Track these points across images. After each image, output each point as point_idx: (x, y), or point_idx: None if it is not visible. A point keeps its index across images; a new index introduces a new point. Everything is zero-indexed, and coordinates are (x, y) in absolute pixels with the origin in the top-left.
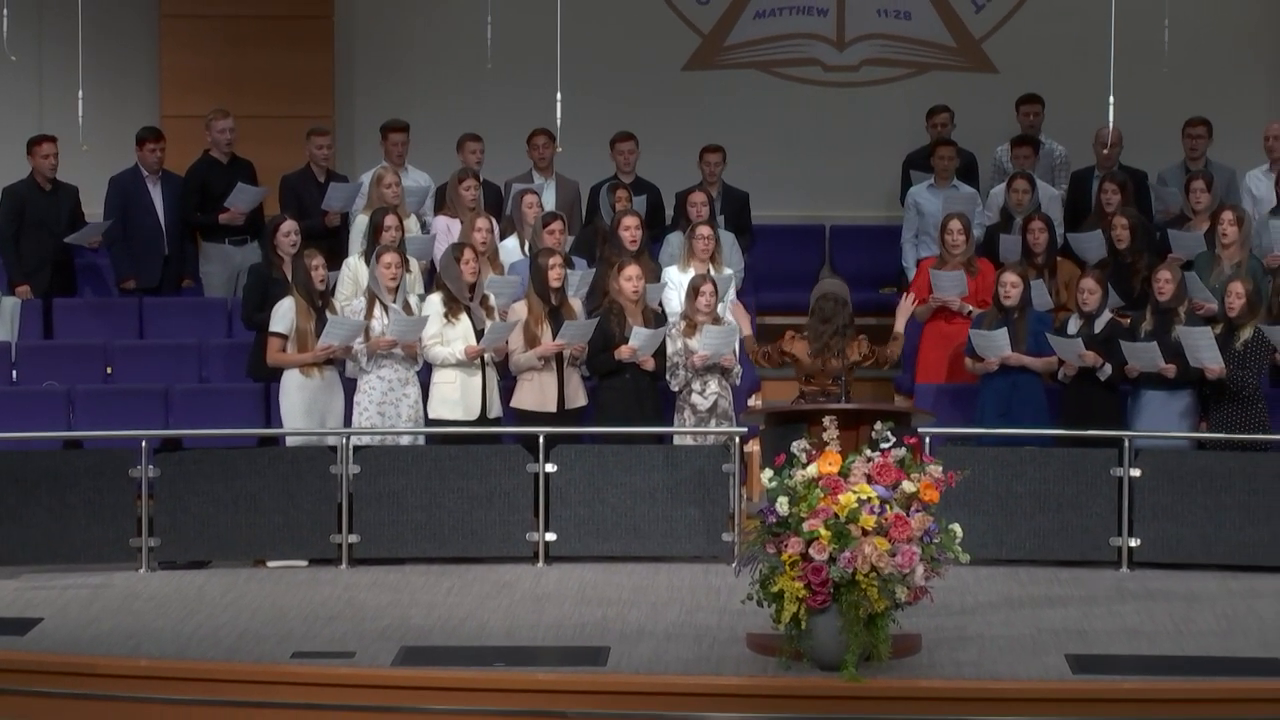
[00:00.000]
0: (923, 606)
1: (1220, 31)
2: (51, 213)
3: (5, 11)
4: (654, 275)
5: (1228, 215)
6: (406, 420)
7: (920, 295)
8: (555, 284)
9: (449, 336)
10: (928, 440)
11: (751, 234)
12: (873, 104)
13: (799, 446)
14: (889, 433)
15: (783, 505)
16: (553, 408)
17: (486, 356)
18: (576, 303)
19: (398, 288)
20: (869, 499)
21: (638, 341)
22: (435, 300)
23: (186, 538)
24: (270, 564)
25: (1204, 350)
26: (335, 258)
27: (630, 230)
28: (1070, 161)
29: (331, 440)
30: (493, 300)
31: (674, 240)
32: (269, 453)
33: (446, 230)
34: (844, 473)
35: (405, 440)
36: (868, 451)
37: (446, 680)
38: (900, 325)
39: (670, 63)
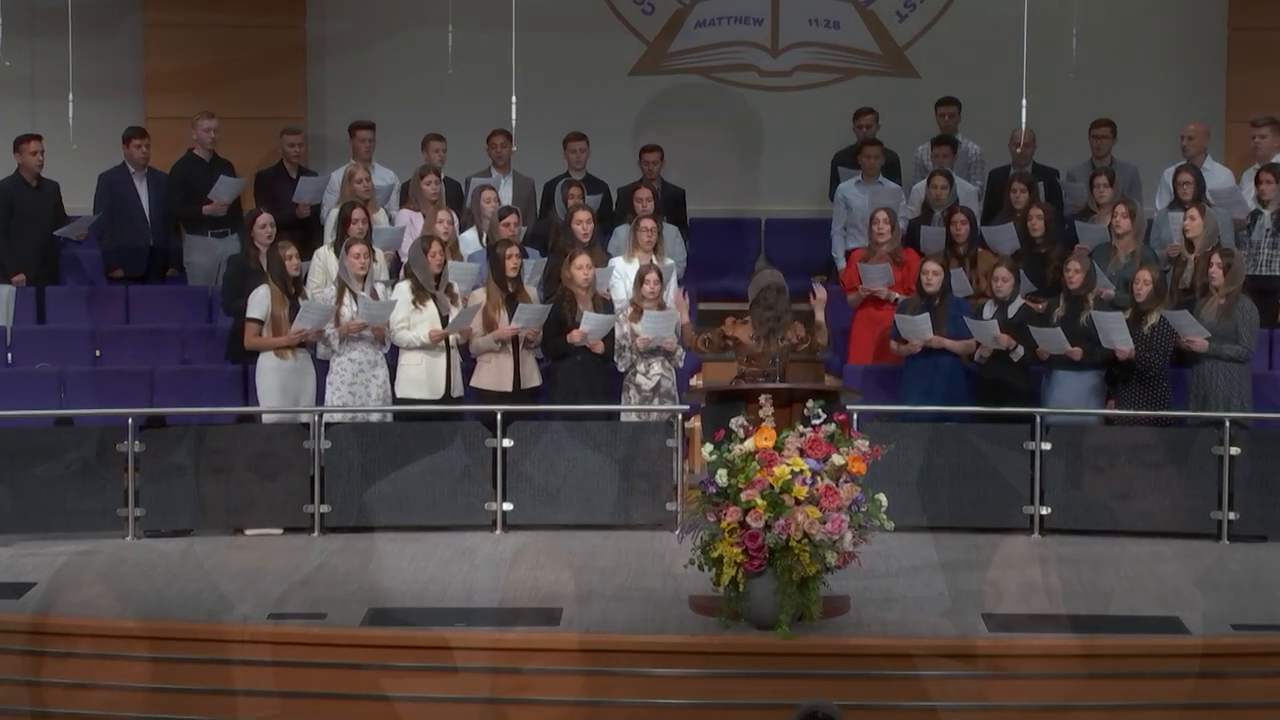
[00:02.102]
0: (851, 570)
1: (1125, 38)
2: (38, 207)
3: (0, 21)
4: (604, 264)
5: (1121, 209)
6: (375, 399)
7: (851, 284)
8: (512, 273)
9: (415, 321)
10: (855, 417)
11: (687, 227)
12: (804, 106)
13: (737, 423)
14: (820, 410)
15: (722, 477)
16: (509, 387)
17: (451, 339)
18: (532, 290)
19: (366, 276)
20: (801, 471)
21: (588, 326)
22: (404, 288)
23: (170, 508)
24: (248, 532)
25: (1115, 333)
26: (307, 249)
27: (583, 224)
28: (986, 160)
29: (305, 418)
30: (457, 288)
31: (620, 232)
32: (246, 429)
33: (410, 222)
34: (778, 447)
35: (374, 418)
36: (800, 427)
37: (411, 640)
38: (820, 314)
39: (617, 68)
